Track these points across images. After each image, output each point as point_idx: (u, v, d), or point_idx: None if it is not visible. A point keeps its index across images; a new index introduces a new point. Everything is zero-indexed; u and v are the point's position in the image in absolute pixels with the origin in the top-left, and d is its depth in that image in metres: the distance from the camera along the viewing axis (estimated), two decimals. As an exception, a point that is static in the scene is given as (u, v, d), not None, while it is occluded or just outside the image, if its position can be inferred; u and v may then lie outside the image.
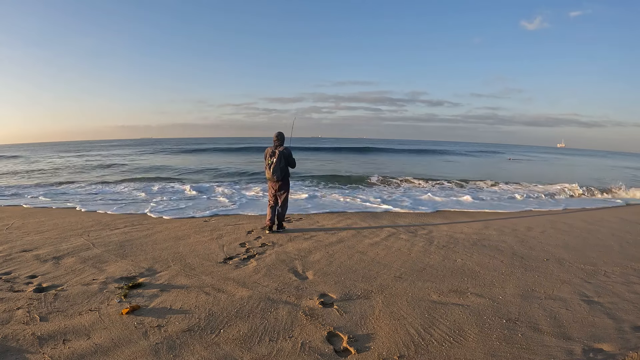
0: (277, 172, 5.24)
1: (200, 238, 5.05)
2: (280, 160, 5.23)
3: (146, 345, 2.34)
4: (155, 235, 5.21)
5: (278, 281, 3.49)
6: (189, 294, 3.14)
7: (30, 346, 2.31)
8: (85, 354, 2.22)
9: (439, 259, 4.26)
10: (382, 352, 2.31)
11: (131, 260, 4.04)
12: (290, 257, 4.23)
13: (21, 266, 3.83)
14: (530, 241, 5.18)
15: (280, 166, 5.23)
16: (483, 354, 2.29)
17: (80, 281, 3.41)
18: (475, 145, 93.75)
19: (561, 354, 2.31)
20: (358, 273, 3.74)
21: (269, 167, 5.30)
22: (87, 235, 5.18)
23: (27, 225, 5.88)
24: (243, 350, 2.30)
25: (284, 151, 5.26)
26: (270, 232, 5.43)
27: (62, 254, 4.26)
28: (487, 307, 2.96)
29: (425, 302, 3.05)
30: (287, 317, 2.74)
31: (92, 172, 17.48)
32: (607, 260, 4.35)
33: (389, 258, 4.26)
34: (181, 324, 2.61)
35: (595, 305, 3.05)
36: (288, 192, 5.51)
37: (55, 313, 2.75)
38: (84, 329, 2.52)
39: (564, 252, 4.68)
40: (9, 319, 2.66)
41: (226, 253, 4.37)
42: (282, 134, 5.42)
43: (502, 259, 4.29)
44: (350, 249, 4.59)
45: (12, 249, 4.48)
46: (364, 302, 3.04)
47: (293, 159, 5.37)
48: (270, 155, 5.31)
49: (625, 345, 2.42)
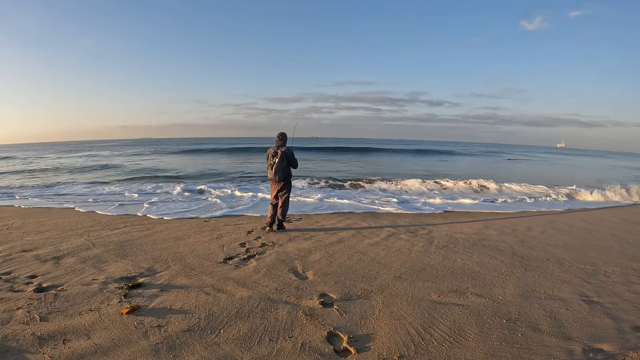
0: (279, 173, 5.25)
1: (200, 238, 5.04)
2: (282, 160, 5.24)
3: (146, 345, 2.34)
4: (155, 235, 5.21)
5: (278, 281, 3.49)
6: (189, 294, 3.14)
7: (30, 346, 2.31)
8: (85, 354, 2.22)
9: (439, 259, 4.26)
10: (382, 352, 2.31)
11: (131, 260, 4.04)
12: (290, 257, 4.23)
13: (21, 266, 3.83)
14: (530, 241, 5.18)
15: (282, 166, 5.25)
16: (483, 354, 2.29)
17: (80, 281, 3.41)
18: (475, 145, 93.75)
19: (561, 354, 2.31)
20: (358, 273, 3.73)
21: (271, 167, 5.31)
22: (87, 235, 5.18)
23: (27, 225, 5.88)
24: (243, 350, 2.30)
25: (286, 152, 5.27)
26: (270, 229, 5.47)
27: (62, 254, 4.26)
28: (487, 307, 2.96)
29: (425, 302, 3.05)
30: (287, 317, 2.74)
31: (91, 172, 17.48)
32: (607, 260, 4.35)
33: (389, 258, 4.26)
34: (181, 324, 2.61)
35: (595, 305, 3.05)
36: (290, 192, 5.53)
37: (55, 313, 2.75)
38: (84, 329, 2.52)
39: (564, 252, 4.68)
40: (9, 319, 2.65)
41: (226, 253, 4.37)
42: (285, 134, 5.42)
43: (502, 259, 4.29)
44: (350, 249, 4.59)
45: (12, 249, 4.47)
46: (364, 302, 3.04)
47: (295, 160, 5.39)
48: (273, 156, 5.31)
49: (625, 345, 2.42)
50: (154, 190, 10.27)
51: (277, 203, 5.49)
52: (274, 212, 5.50)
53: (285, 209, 5.51)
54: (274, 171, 5.26)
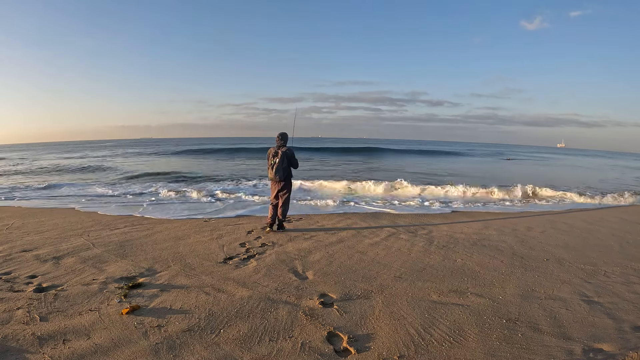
0: (280, 173, 5.26)
1: (200, 238, 5.04)
2: (283, 160, 5.24)
3: (146, 345, 2.34)
4: (155, 235, 5.21)
5: (278, 281, 3.48)
6: (189, 294, 3.14)
7: (30, 346, 2.31)
8: (85, 354, 2.22)
9: (439, 259, 4.26)
10: (382, 352, 2.31)
11: (131, 260, 4.04)
12: (290, 257, 4.23)
13: (21, 266, 3.83)
14: (530, 241, 5.18)
15: (283, 166, 5.26)
16: (483, 354, 2.29)
17: (80, 281, 3.41)
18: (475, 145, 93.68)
19: (561, 354, 2.31)
20: (358, 273, 3.73)
21: (271, 167, 5.32)
22: (87, 235, 5.18)
23: (27, 225, 5.88)
24: (243, 350, 2.30)
25: (287, 152, 5.27)
26: (270, 229, 5.47)
27: (62, 254, 4.26)
28: (487, 307, 2.96)
29: (425, 302, 3.05)
30: (287, 317, 2.74)
31: (92, 173, 17.49)
32: (607, 260, 4.35)
33: (389, 258, 4.26)
34: (181, 324, 2.61)
35: (595, 305, 3.05)
36: (290, 193, 5.53)
37: (55, 313, 2.75)
38: (84, 329, 2.52)
39: (564, 252, 4.68)
40: (9, 319, 2.65)
41: (226, 253, 4.37)
42: (286, 134, 5.42)
43: (502, 259, 4.29)
44: (350, 249, 4.59)
45: (12, 249, 4.47)
46: (364, 302, 3.04)
47: (296, 160, 5.38)
48: (273, 156, 5.31)
49: (625, 345, 2.42)
50: (155, 190, 10.27)
51: (277, 203, 5.48)
52: (274, 212, 5.49)
53: (285, 209, 5.50)
54: (275, 171, 5.27)
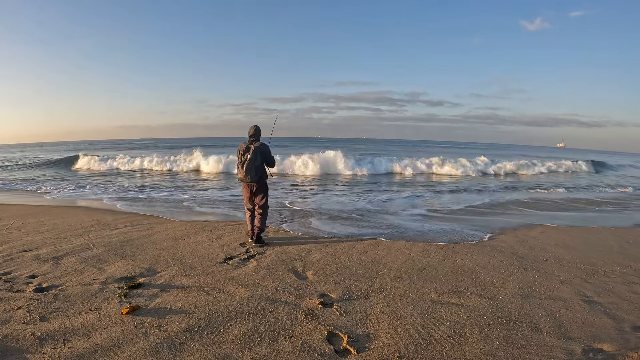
0: (252, 172, 4.45)
1: (200, 238, 5.04)
2: (255, 157, 4.45)
3: (146, 345, 2.34)
4: (155, 235, 5.21)
5: (278, 281, 3.49)
6: (189, 294, 3.14)
7: (30, 346, 2.31)
8: (85, 354, 2.23)
9: (439, 259, 4.26)
10: (382, 352, 2.31)
11: (131, 260, 4.04)
12: (290, 257, 4.23)
13: (21, 266, 3.83)
14: (530, 241, 5.18)
15: (256, 164, 4.45)
16: (483, 354, 2.29)
17: (80, 281, 3.41)
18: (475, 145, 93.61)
19: (561, 354, 2.31)
20: (358, 273, 3.73)
21: (241, 165, 4.48)
22: (87, 235, 5.18)
23: (27, 225, 5.87)
24: (243, 350, 2.31)
25: (261, 147, 4.51)
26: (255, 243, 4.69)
27: (62, 254, 4.26)
28: (487, 307, 2.96)
29: (425, 302, 3.05)
30: (287, 317, 2.74)
31: (92, 173, 17.47)
32: (607, 260, 4.35)
33: (389, 258, 4.26)
34: (181, 324, 2.61)
35: (595, 305, 3.05)
36: (267, 196, 4.72)
37: (55, 313, 2.75)
38: (84, 329, 2.52)
39: (564, 252, 4.68)
40: (9, 319, 2.65)
41: (226, 253, 4.37)
42: (259, 128, 4.65)
43: (502, 259, 4.29)
44: (350, 249, 4.59)
45: (12, 249, 4.47)
46: (364, 302, 3.04)
47: (272, 157, 4.65)
48: (244, 152, 4.51)
49: (625, 345, 2.42)
50: (155, 190, 10.27)
51: (253, 209, 4.76)
52: (253, 222, 4.75)
53: (264, 218, 4.69)
54: (246, 169, 4.45)
